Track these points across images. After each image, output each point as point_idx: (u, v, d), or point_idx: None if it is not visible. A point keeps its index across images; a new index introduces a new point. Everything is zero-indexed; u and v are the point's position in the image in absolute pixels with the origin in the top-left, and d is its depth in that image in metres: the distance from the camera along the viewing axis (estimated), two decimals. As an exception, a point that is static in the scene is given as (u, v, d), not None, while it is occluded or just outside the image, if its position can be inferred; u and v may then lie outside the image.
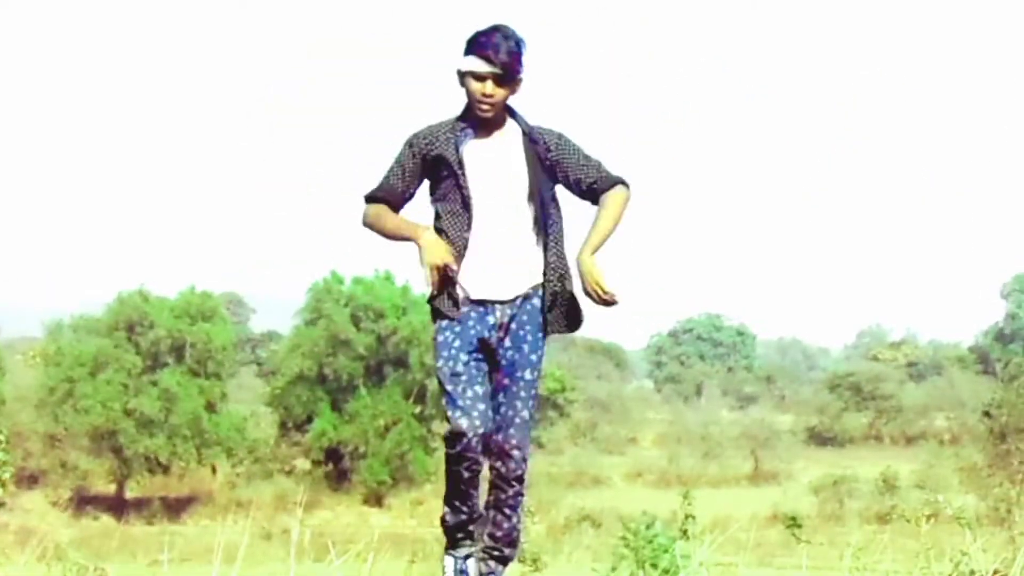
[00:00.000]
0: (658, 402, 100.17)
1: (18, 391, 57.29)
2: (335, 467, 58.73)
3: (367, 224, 6.01)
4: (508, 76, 5.76)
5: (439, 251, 5.78)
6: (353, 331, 58.39)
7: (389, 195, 5.98)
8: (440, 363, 5.82)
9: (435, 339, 5.89)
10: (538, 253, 5.91)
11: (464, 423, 5.73)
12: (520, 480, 5.81)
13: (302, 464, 60.35)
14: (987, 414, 53.88)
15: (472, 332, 5.84)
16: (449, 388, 5.79)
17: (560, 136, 5.94)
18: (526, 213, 5.89)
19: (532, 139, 5.91)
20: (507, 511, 5.88)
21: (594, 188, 5.90)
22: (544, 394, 62.87)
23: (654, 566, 6.86)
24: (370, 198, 6.01)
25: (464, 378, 5.78)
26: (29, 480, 54.08)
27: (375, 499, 57.30)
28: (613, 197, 5.88)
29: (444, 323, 5.86)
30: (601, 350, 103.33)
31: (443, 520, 6.03)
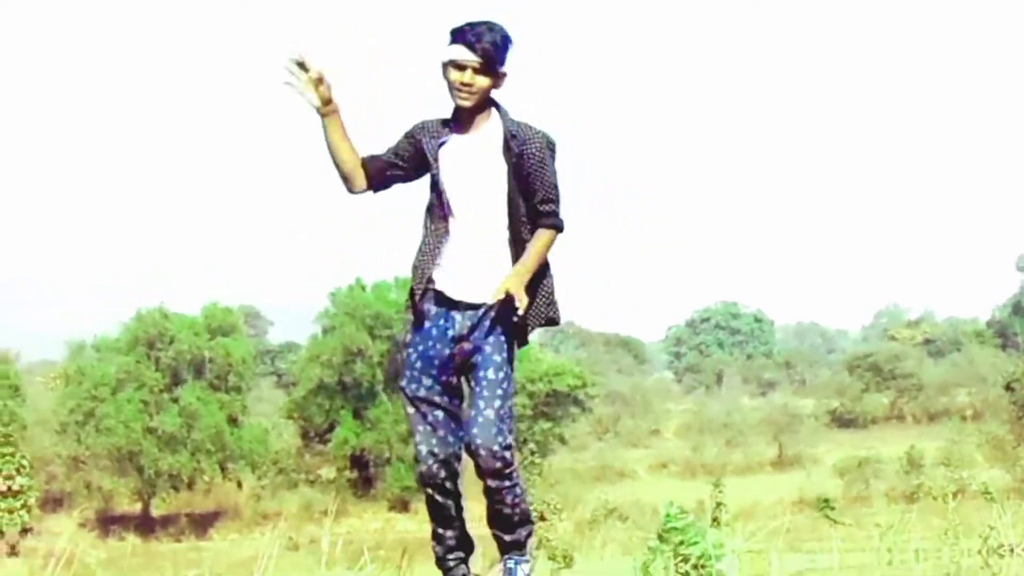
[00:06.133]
0: (679, 393, 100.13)
1: (39, 415, 57.38)
2: (360, 474, 58.74)
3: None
4: (489, 66, 5.74)
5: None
6: (366, 340, 58.38)
7: (371, 158, 5.98)
8: (404, 383, 5.93)
9: (405, 354, 6.01)
10: (507, 261, 5.87)
11: (423, 449, 5.86)
12: (497, 475, 5.76)
13: (326, 473, 60.36)
14: (1009, 387, 53.86)
15: (433, 351, 5.87)
16: (411, 412, 5.94)
17: (542, 146, 5.86)
18: (499, 220, 5.87)
19: (511, 139, 5.84)
20: (496, 502, 5.89)
21: (533, 211, 5.89)
22: (564, 390, 62.75)
23: (687, 557, 6.84)
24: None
25: (425, 403, 5.88)
26: (54, 503, 54.23)
27: (401, 504, 57.29)
28: (540, 236, 5.86)
29: (410, 338, 5.96)
30: (619, 343, 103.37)
31: (434, 550, 6.11)
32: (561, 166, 6.01)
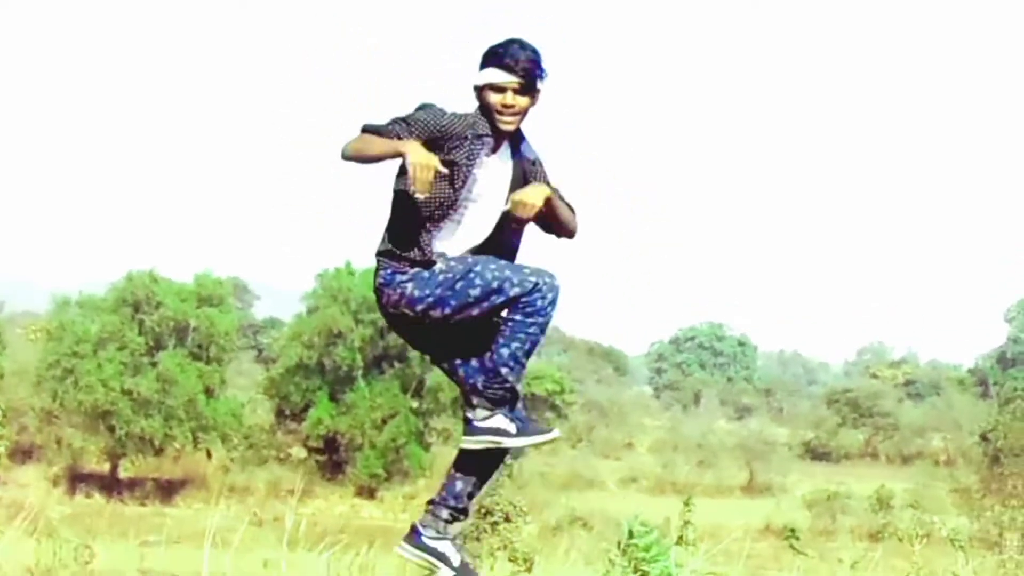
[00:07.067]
0: (656, 409, 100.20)
1: (17, 365, 57.25)
2: (330, 457, 58.66)
3: (350, 155, 5.61)
4: (529, 85, 5.68)
5: (428, 156, 5.45)
6: (350, 323, 58.28)
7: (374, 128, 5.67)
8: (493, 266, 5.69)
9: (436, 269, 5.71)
10: None
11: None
12: None
13: (297, 452, 60.28)
14: (984, 437, 53.92)
15: None
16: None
17: (536, 160, 5.89)
18: (495, 233, 5.84)
19: (521, 159, 5.85)
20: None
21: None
22: (542, 395, 62.79)
23: (646, 573, 6.85)
24: (365, 130, 5.67)
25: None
26: (24, 455, 54.10)
27: (368, 491, 57.24)
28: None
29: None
30: (601, 353, 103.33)
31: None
32: (560, 165, 6.03)
